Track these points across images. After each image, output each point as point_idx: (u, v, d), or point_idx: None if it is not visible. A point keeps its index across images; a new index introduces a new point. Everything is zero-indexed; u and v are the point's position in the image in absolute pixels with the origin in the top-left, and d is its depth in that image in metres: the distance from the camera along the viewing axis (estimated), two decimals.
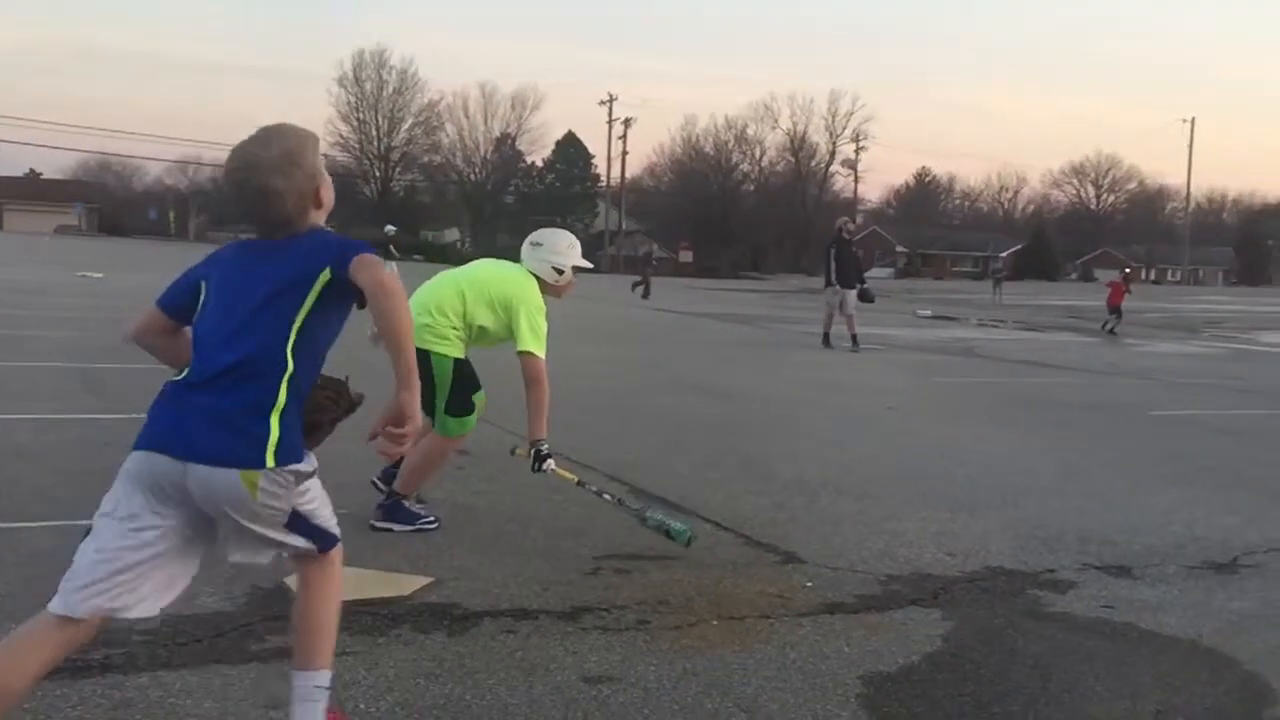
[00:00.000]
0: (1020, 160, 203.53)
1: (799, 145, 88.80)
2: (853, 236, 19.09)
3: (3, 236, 64.88)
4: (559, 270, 5.19)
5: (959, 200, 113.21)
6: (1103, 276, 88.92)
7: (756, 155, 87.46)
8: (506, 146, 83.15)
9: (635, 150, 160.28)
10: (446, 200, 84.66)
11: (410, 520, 5.02)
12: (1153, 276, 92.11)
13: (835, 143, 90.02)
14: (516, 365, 4.95)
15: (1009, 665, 3.68)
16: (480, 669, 3.41)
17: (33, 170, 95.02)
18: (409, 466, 5.00)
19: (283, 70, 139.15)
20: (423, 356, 4.55)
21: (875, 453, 7.80)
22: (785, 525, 5.46)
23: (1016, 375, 14.23)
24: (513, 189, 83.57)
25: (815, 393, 11.23)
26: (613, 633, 3.81)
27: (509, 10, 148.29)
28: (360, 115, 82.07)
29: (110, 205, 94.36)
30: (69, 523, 4.79)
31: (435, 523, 5.05)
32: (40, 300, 18.68)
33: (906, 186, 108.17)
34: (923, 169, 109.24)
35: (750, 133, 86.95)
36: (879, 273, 77.54)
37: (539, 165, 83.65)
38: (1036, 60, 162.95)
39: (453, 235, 79.44)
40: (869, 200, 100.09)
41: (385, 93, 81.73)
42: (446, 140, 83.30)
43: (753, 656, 3.65)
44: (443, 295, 5.01)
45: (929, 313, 30.08)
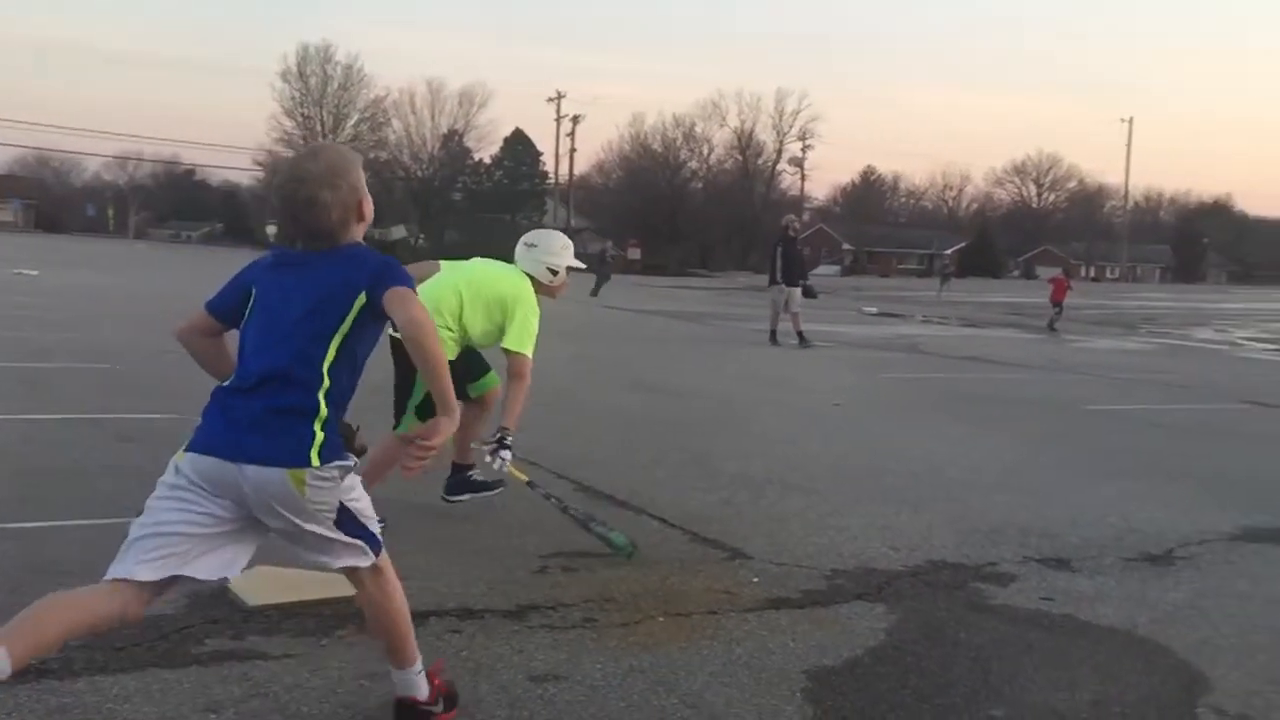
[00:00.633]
0: (964, 159, 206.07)
1: (746, 143, 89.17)
2: (798, 235, 19.21)
3: None
4: (554, 271, 5.24)
5: (904, 198, 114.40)
6: (1044, 274, 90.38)
7: (704, 153, 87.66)
8: (454, 143, 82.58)
9: (583, 148, 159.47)
10: (394, 197, 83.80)
11: (478, 489, 5.38)
12: (1092, 274, 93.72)
13: (782, 141, 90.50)
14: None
15: (951, 658, 3.73)
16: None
17: None
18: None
19: (226, 64, 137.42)
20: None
21: (821, 449, 7.86)
22: (732, 522, 5.49)
23: (960, 371, 14.41)
24: (460, 186, 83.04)
25: (762, 389, 11.29)
26: (559, 631, 3.81)
27: (456, 6, 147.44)
28: (305, 111, 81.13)
29: (48, 201, 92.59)
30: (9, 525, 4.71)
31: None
32: None
33: (852, 185, 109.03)
34: (868, 168, 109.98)
35: (698, 130, 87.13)
36: (825, 270, 78.16)
37: (487, 162, 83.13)
38: (979, 60, 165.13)
39: (400, 232, 78.69)
40: (815, 198, 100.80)
41: (330, 88, 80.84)
42: (393, 137, 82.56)
43: (699, 652, 3.66)
44: (440, 296, 5.00)
45: (875, 310, 30.37)
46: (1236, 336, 24.75)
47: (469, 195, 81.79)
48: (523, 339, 4.98)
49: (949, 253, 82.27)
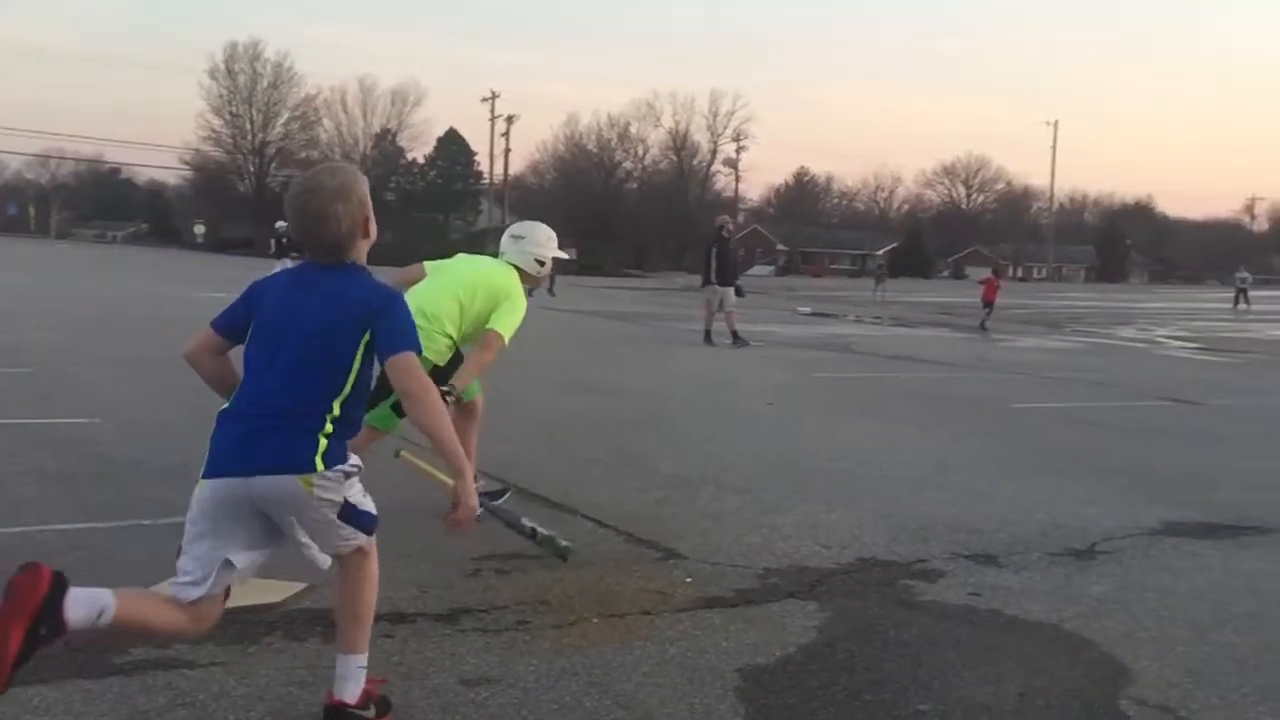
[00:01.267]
0: (895, 160, 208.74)
1: (681, 144, 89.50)
2: (732, 235, 19.34)
3: None
4: (540, 262, 5.42)
5: (837, 199, 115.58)
6: (974, 274, 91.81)
7: (639, 153, 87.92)
8: (387, 142, 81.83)
9: (518, 148, 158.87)
10: None
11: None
12: (1019, 274, 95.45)
13: (717, 142, 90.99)
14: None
15: (881, 654, 3.77)
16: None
17: None
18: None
19: (151, 61, 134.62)
20: None
21: (755, 448, 7.91)
22: (666, 521, 5.50)
23: (891, 370, 14.59)
24: (394, 186, 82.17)
25: (697, 389, 11.33)
26: (492, 634, 3.78)
27: (389, 4, 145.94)
28: (233, 109, 79.90)
29: None
30: None
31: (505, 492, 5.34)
32: None
33: (786, 186, 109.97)
34: (801, 169, 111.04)
35: (633, 131, 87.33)
36: (760, 271, 78.69)
37: (421, 162, 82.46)
38: (910, 63, 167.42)
39: None
40: (750, 199, 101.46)
41: (259, 86, 79.72)
42: (324, 135, 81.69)
43: (632, 653, 3.66)
44: (441, 304, 5.10)
45: (808, 310, 30.65)
46: (1158, 335, 25.34)
47: (403, 195, 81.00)
48: (505, 322, 5.11)
49: (879, 253, 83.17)
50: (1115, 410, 11.08)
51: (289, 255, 28.24)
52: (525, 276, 5.32)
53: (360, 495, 2.96)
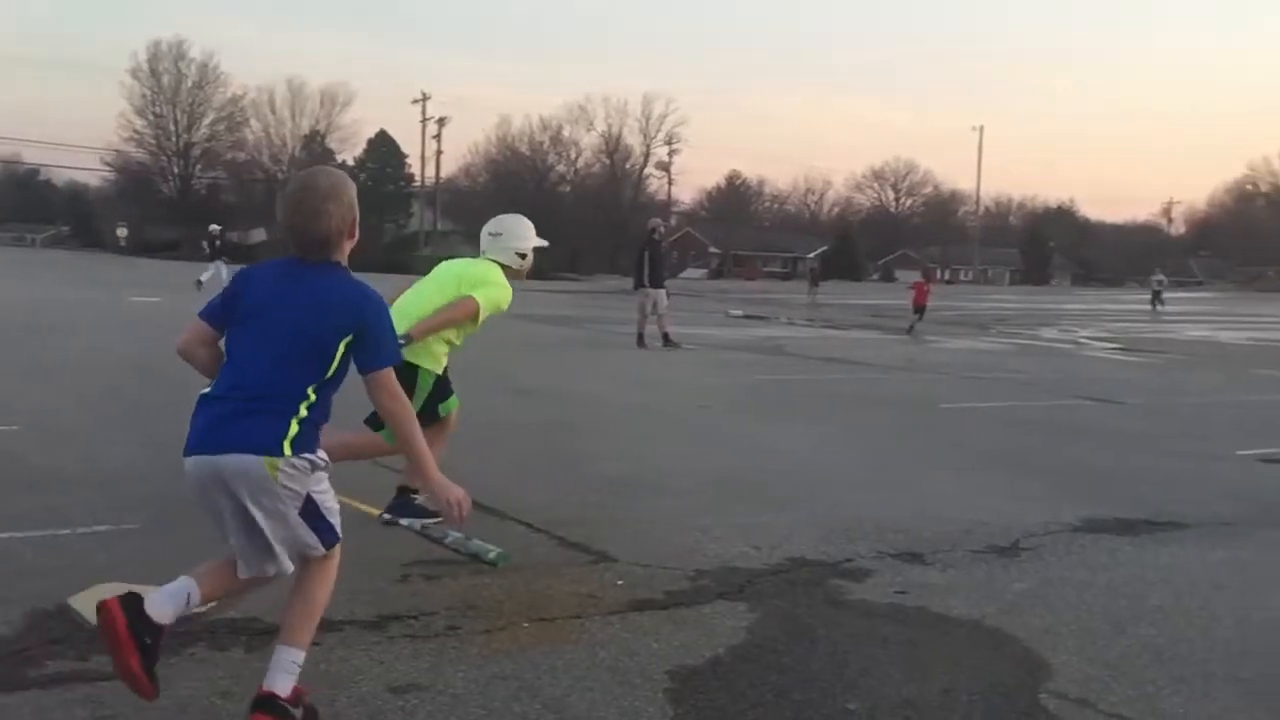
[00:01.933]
0: (826, 164, 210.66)
1: (614, 147, 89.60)
2: (664, 238, 19.42)
3: None
4: (522, 255, 5.45)
5: (769, 202, 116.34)
6: (903, 277, 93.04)
7: (572, 157, 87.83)
8: (316, 144, 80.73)
9: (450, 150, 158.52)
10: (253, 200, 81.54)
11: (418, 515, 5.26)
12: (947, 276, 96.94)
13: (649, 145, 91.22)
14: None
15: (809, 653, 3.82)
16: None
17: None
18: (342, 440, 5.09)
19: (71, 59, 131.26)
20: (410, 370, 4.95)
21: (687, 450, 7.95)
22: (598, 525, 5.50)
23: (822, 372, 14.75)
24: None
25: (630, 392, 11.35)
26: (421, 640, 3.76)
27: (318, 4, 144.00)
28: (157, 109, 78.32)
29: None
30: None
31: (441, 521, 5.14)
32: None
33: (718, 189, 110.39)
34: (733, 172, 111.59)
35: (566, 134, 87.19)
36: (693, 273, 79.04)
37: (351, 164, 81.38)
38: (841, 67, 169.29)
39: (259, 236, 76.49)
40: (682, 202, 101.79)
41: (184, 86, 78.26)
42: (252, 137, 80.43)
43: (562, 657, 3.66)
44: (425, 310, 5.13)
45: (740, 313, 30.84)
46: (1080, 336, 25.91)
47: None
48: (481, 293, 5.14)
49: (810, 256, 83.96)
50: (1039, 409, 11.30)
51: (222, 258, 27.91)
52: (509, 272, 5.36)
53: (328, 499, 3.05)
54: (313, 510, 2.98)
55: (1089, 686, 3.61)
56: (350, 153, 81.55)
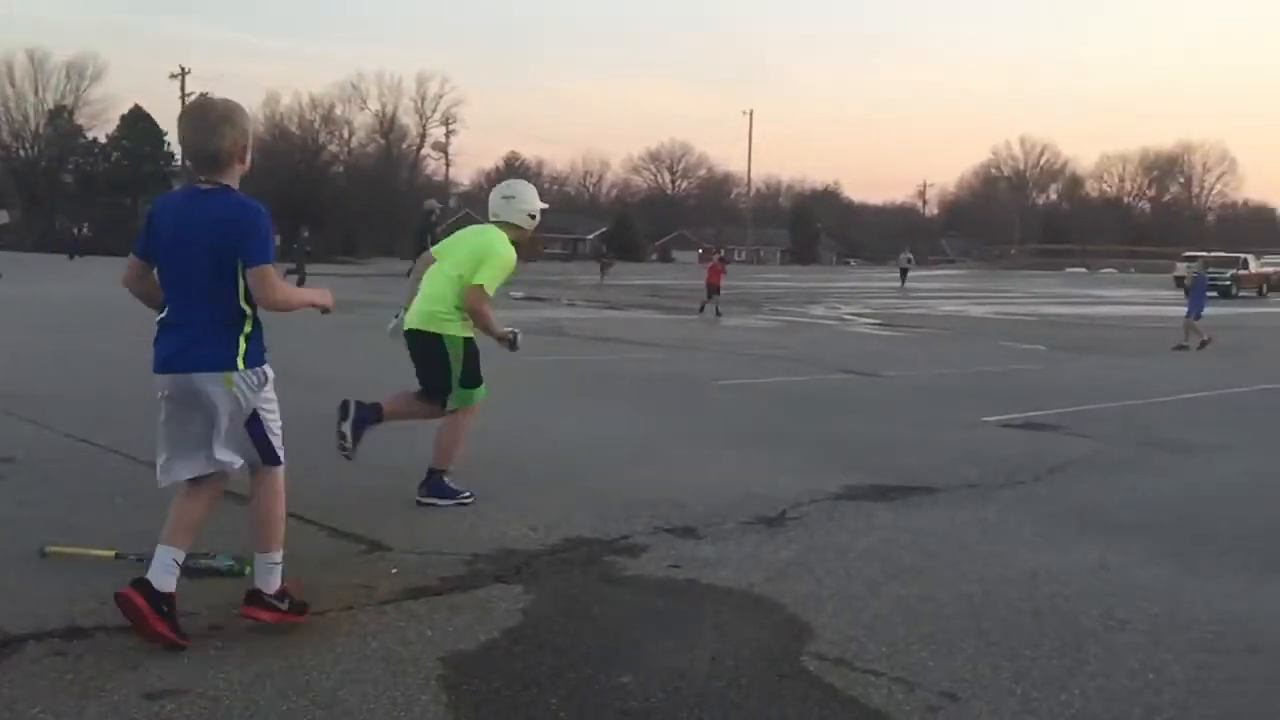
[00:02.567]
0: (603, 146, 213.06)
1: (389, 127, 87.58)
2: (441, 219, 19.18)
3: None
4: (531, 215, 5.87)
5: (548, 184, 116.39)
6: (680, 258, 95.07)
7: (345, 136, 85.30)
8: (62, 120, 75.20)
9: None
10: None
11: (452, 495, 5.65)
12: (722, 257, 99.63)
13: (425, 125, 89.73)
14: None
15: (583, 631, 3.87)
16: (21, 698, 3.10)
17: None
18: (439, 445, 5.75)
19: None
20: (435, 339, 5.69)
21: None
22: (373, 514, 5.39)
23: (601, 352, 14.91)
24: (72, 167, 75.79)
25: (406, 377, 11.12)
26: None
27: None
28: None
29: None
30: None
31: (471, 498, 5.66)
32: None
33: (497, 170, 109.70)
34: (512, 153, 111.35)
35: (338, 113, 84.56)
36: None
37: (103, 142, 76.37)
38: (616, 48, 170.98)
39: (2, 218, 70.78)
40: (461, 183, 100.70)
41: None
42: None
43: (333, 650, 3.58)
44: (440, 287, 5.65)
45: (521, 294, 30.77)
46: (844, 313, 27.20)
47: (82, 178, 74.83)
48: (481, 274, 5.56)
49: (591, 238, 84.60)
50: (805, 384, 11.81)
51: None
52: (518, 231, 5.78)
53: (272, 417, 3.70)
54: (257, 425, 3.64)
55: (847, 647, 3.80)
56: (103, 130, 76.42)
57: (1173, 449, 8.22)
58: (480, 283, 5.56)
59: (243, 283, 3.53)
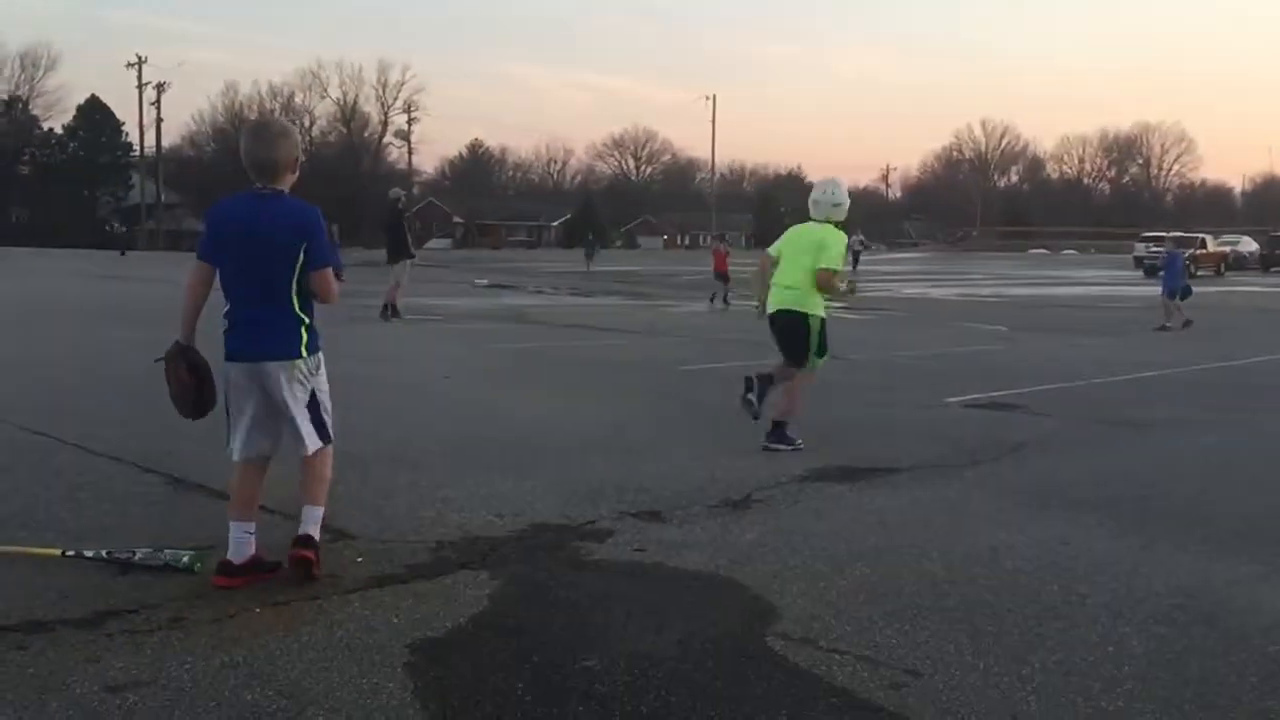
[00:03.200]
0: (567, 133, 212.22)
1: (350, 115, 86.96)
2: (408, 208, 19.16)
3: None
4: (842, 206, 7.37)
5: (512, 171, 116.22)
6: (645, 243, 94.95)
7: (306, 125, 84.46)
8: (17, 110, 74.08)
9: (172, 117, 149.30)
10: None
11: (790, 442, 6.91)
12: (687, 242, 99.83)
13: (387, 113, 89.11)
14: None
15: (550, 616, 3.87)
16: None
17: None
18: (786, 399, 7.16)
19: None
20: (801, 318, 7.15)
21: (430, 421, 7.86)
22: (338, 502, 5.29)
23: (567, 339, 14.89)
24: (28, 158, 74.65)
25: (372, 366, 11.07)
26: (143, 634, 3.56)
27: None
28: None
29: None
30: None
31: (802, 445, 6.90)
32: None
33: (461, 158, 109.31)
34: (475, 141, 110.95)
35: (299, 101, 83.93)
36: (438, 244, 77.72)
37: (59, 132, 75.24)
38: (580, 36, 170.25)
39: None
40: (425, 171, 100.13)
41: None
42: None
43: (298, 640, 3.56)
44: (795, 275, 7.16)
45: (486, 282, 30.67)
46: None
47: (39, 169, 73.77)
48: (825, 258, 7.04)
49: (555, 225, 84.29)
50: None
51: None
52: (838, 223, 7.27)
53: (325, 397, 4.20)
54: (316, 406, 4.14)
55: (812, 626, 3.83)
56: (58, 121, 75.33)
57: (1132, 426, 8.33)
58: (830, 266, 7.02)
59: (301, 279, 4.02)
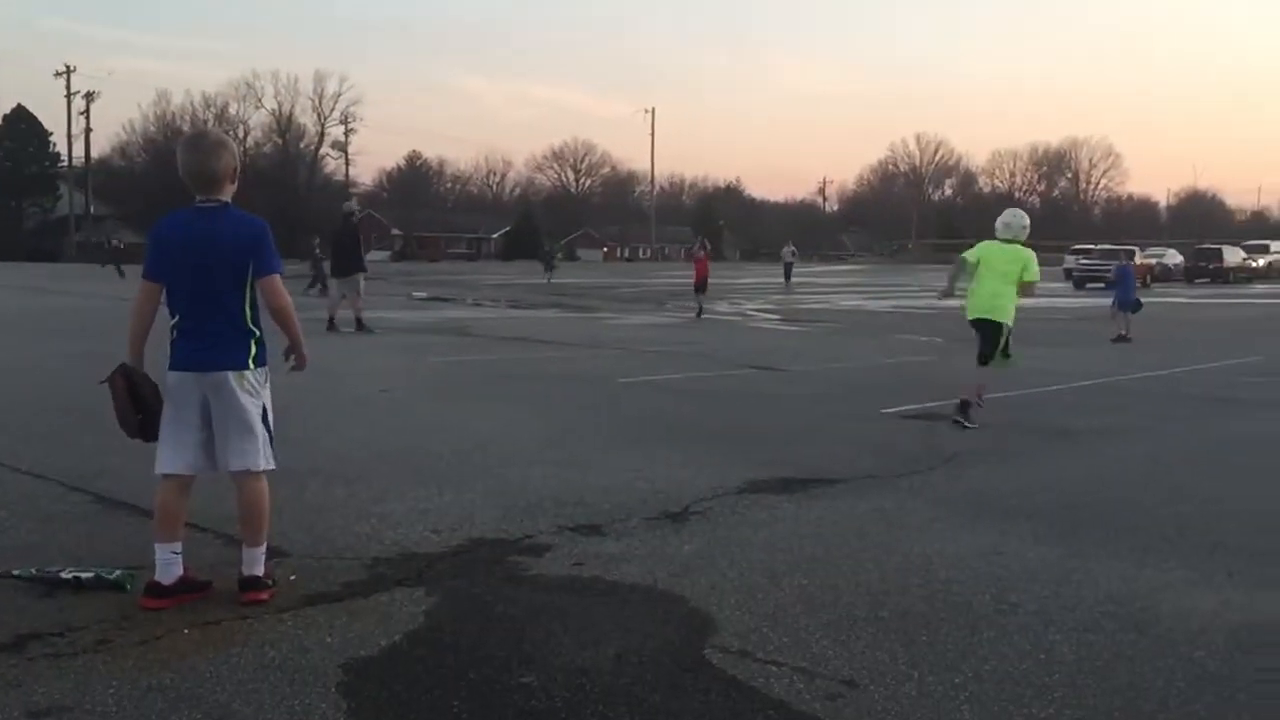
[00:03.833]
0: (506, 145, 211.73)
1: (286, 126, 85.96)
2: (359, 220, 19.16)
3: None
4: (1028, 232, 9.27)
5: (450, 183, 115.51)
6: (585, 255, 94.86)
7: (240, 135, 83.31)
8: None
9: (101, 128, 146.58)
10: None
11: (969, 421, 8.47)
12: (627, 254, 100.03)
13: (324, 124, 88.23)
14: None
15: (486, 632, 3.84)
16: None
17: None
18: (973, 383, 8.83)
19: None
20: (998, 326, 8.95)
21: (365, 435, 7.77)
22: (272, 519, 5.26)
23: (505, 351, 14.82)
24: None
25: (308, 379, 10.91)
26: (66, 658, 3.47)
27: None
28: None
29: None
30: None
31: (976, 426, 8.42)
32: None
33: (398, 169, 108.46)
34: (414, 152, 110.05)
35: (232, 111, 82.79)
36: (376, 255, 76.94)
37: None
38: (519, 48, 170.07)
39: None
40: (362, 183, 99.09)
41: None
42: None
43: (228, 661, 3.49)
44: (998, 285, 8.99)
45: (425, 294, 30.46)
46: (747, 308, 27.44)
47: None
48: (1032, 271, 8.97)
49: (495, 237, 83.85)
50: (710, 379, 11.89)
51: None
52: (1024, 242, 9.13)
53: (271, 417, 4.13)
54: (265, 417, 4.08)
55: (749, 638, 3.84)
56: None
57: (1062, 436, 8.48)
58: (1034, 280, 9.01)
59: (250, 291, 4.00)
